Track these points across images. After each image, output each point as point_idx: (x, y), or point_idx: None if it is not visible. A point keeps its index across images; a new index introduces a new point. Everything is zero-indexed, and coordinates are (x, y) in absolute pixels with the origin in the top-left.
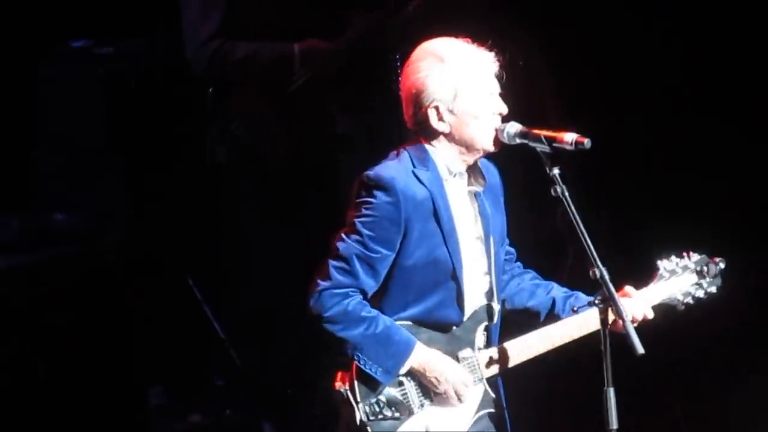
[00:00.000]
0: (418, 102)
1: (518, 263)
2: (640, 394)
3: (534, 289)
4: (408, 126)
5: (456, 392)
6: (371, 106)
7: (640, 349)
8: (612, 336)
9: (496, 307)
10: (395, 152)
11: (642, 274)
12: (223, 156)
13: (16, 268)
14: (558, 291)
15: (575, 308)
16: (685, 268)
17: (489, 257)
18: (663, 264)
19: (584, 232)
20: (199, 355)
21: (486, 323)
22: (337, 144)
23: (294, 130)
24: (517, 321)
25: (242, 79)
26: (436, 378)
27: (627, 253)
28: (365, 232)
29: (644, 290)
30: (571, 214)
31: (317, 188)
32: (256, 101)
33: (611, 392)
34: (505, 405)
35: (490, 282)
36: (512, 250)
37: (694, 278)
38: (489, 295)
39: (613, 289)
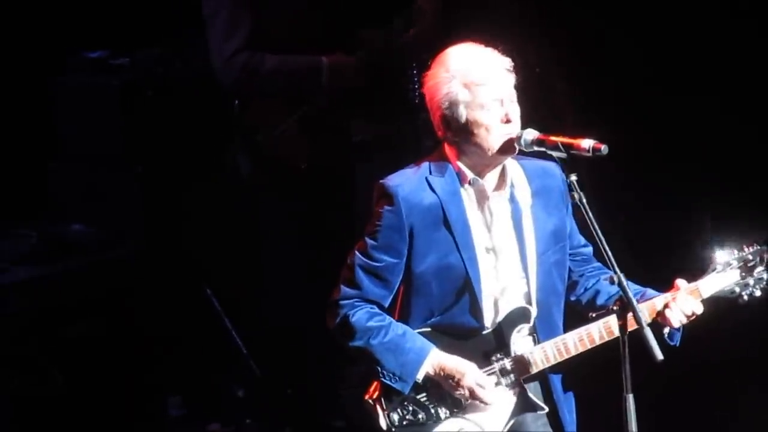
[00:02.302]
0: (431, 109)
1: (596, 264)
2: (666, 398)
3: (606, 288)
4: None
5: (474, 395)
6: (389, 117)
7: (659, 355)
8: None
9: (534, 310)
10: (419, 160)
11: (658, 279)
12: (247, 167)
13: (34, 280)
14: None
15: (593, 315)
16: (742, 259)
17: (525, 260)
18: (718, 255)
19: (602, 238)
20: (218, 365)
21: (524, 326)
22: (354, 153)
23: (317, 141)
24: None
25: (271, 91)
26: (451, 383)
27: (643, 258)
28: (369, 242)
29: (694, 283)
30: (588, 221)
31: (340, 198)
32: (280, 112)
33: (630, 398)
34: (557, 405)
35: (528, 285)
36: (586, 251)
37: (755, 269)
38: (527, 297)
39: (631, 294)
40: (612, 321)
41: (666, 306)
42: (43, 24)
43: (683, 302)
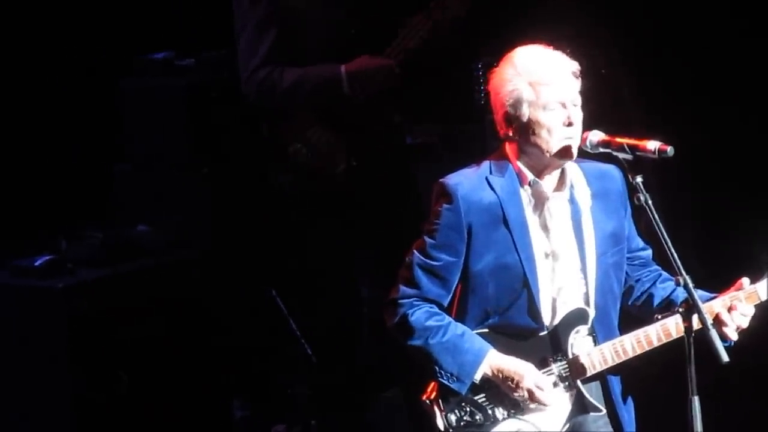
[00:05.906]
0: (494, 106)
1: (653, 267)
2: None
3: (661, 293)
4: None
5: (532, 397)
6: (448, 115)
7: (725, 357)
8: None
9: (591, 311)
10: (479, 159)
11: (726, 282)
12: (286, 180)
13: (100, 281)
14: (680, 292)
15: (658, 316)
16: None
17: (584, 261)
18: None
19: (668, 240)
20: (284, 366)
21: (583, 327)
22: (408, 154)
23: (354, 143)
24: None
25: (291, 105)
26: (510, 384)
27: (710, 262)
28: (428, 240)
29: (752, 286)
30: (654, 223)
31: (386, 197)
32: (311, 119)
33: (696, 401)
34: (615, 405)
35: (586, 286)
36: (644, 255)
37: None
38: (585, 298)
39: (697, 297)
40: (669, 323)
41: (727, 310)
42: (108, 26)
43: (743, 308)
